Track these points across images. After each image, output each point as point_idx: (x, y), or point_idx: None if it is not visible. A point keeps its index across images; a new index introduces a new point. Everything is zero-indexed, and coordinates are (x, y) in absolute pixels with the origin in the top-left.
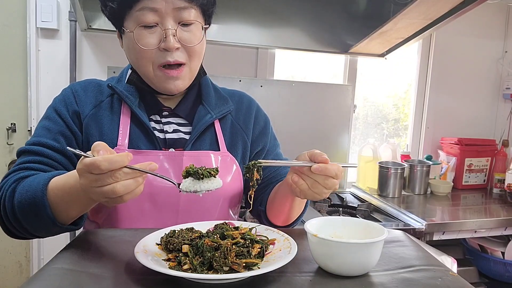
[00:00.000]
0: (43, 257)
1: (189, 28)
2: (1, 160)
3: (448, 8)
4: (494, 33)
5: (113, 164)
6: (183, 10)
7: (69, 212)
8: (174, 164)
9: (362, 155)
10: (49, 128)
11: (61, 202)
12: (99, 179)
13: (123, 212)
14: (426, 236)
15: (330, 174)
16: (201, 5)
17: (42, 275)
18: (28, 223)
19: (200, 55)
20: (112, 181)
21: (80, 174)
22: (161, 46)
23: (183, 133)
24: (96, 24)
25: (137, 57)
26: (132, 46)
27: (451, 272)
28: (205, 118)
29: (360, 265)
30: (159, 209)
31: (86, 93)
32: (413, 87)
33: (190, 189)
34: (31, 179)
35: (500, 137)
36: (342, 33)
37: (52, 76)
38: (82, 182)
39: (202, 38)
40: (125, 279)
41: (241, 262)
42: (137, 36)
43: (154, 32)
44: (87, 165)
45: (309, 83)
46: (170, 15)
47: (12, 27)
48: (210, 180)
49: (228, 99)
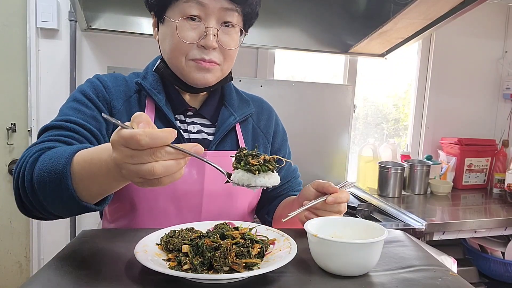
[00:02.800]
0: (43, 257)
1: (229, 31)
2: (1, 160)
3: (448, 8)
4: (494, 33)
5: (155, 141)
6: (229, 12)
7: (92, 189)
8: (197, 164)
9: (362, 155)
10: (79, 109)
11: (86, 176)
12: (137, 155)
13: (145, 216)
14: (426, 236)
15: (343, 201)
16: (246, 13)
17: (42, 275)
18: (45, 196)
19: (233, 59)
20: (151, 160)
21: (115, 147)
22: (200, 43)
23: (206, 134)
24: (96, 24)
25: (173, 47)
26: (171, 36)
27: (451, 272)
28: (229, 120)
29: (360, 265)
30: (182, 212)
31: (115, 86)
32: (413, 87)
33: (243, 182)
34: (56, 149)
35: (500, 137)
36: (342, 33)
37: (52, 76)
38: (116, 156)
39: (239, 43)
40: (125, 279)
41: (241, 262)
42: (179, 27)
43: (196, 27)
44: (125, 138)
45: (309, 83)
46: (215, 13)
47: (12, 27)
48: (267, 175)
49: (250, 102)
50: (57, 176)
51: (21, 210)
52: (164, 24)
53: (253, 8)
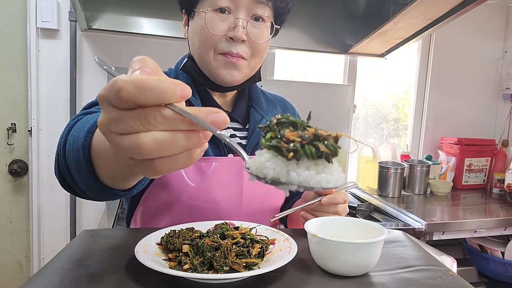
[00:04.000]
0: (43, 257)
1: (259, 25)
2: (1, 160)
3: (448, 8)
4: (494, 33)
5: (143, 92)
6: (259, 5)
7: (110, 167)
8: (237, 169)
9: (362, 155)
10: None
11: (102, 150)
12: (122, 118)
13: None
14: (426, 236)
15: (339, 202)
16: (276, 7)
17: (42, 275)
18: (72, 168)
19: (262, 55)
20: (139, 127)
21: (101, 106)
22: (229, 35)
23: (239, 138)
24: (96, 24)
25: (202, 40)
26: (201, 29)
27: (451, 272)
28: (261, 122)
29: (360, 265)
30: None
31: None
32: (413, 87)
33: (265, 174)
34: (91, 115)
35: (500, 137)
36: (342, 33)
37: (52, 76)
38: (99, 121)
39: (269, 39)
40: (125, 279)
41: (241, 262)
42: (208, 19)
43: (225, 19)
44: (107, 87)
45: (309, 83)
46: (245, 5)
47: (12, 27)
48: (316, 165)
49: (276, 102)
50: (77, 148)
51: (60, 183)
52: (194, 18)
53: (285, 3)
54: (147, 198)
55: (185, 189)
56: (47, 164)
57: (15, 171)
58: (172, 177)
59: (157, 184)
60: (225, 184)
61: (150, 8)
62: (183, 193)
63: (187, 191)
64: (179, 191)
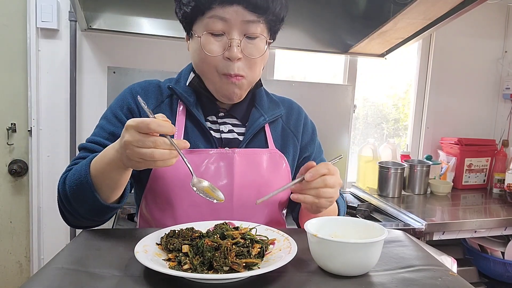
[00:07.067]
0: (43, 257)
1: (253, 41)
2: (1, 160)
3: (448, 8)
4: (494, 33)
5: (161, 128)
6: (251, 24)
7: (105, 183)
8: (227, 161)
9: (362, 155)
10: (103, 127)
11: (100, 175)
12: (142, 140)
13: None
14: (426, 236)
15: (324, 173)
16: (269, 21)
17: (42, 275)
18: (78, 204)
19: (258, 68)
20: (152, 146)
21: (128, 130)
22: (225, 55)
23: (237, 134)
24: (96, 24)
25: (202, 61)
26: (198, 51)
27: (451, 272)
28: (258, 120)
29: (360, 265)
30: (217, 211)
31: (146, 94)
32: (413, 87)
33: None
34: (78, 164)
35: (500, 137)
36: (342, 33)
37: (52, 76)
38: (127, 138)
39: (265, 51)
40: (125, 279)
41: (241, 262)
42: (204, 42)
43: (220, 40)
44: (138, 121)
45: (309, 83)
46: (238, 26)
47: (12, 27)
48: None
49: (279, 103)
50: (83, 186)
51: (65, 221)
52: (192, 39)
53: (278, 15)
54: (148, 192)
55: (178, 178)
56: (47, 164)
57: (15, 171)
58: (166, 169)
59: (155, 178)
60: (215, 174)
61: (150, 8)
62: (177, 183)
63: (180, 180)
64: (174, 182)
